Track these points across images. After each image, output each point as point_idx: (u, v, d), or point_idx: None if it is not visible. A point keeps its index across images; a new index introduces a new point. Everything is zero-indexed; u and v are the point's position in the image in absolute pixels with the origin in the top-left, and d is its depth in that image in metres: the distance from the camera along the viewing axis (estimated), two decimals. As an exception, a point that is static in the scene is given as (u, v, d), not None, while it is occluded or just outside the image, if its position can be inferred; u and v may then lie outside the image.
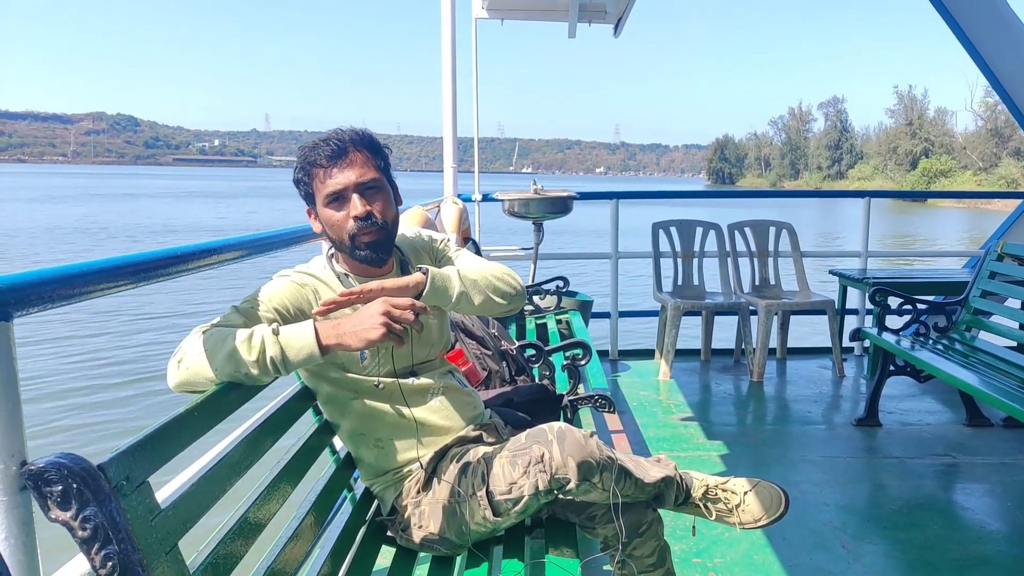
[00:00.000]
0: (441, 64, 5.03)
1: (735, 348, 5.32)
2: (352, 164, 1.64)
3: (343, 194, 1.64)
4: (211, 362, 1.38)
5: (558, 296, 4.63)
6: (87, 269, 1.08)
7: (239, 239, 1.67)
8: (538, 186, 5.09)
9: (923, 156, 75.21)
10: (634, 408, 4.24)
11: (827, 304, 4.81)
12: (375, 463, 1.76)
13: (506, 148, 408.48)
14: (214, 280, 11.80)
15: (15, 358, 0.94)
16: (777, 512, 1.74)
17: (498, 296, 1.75)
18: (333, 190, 1.63)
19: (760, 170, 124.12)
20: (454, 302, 1.68)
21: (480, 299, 1.72)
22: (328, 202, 1.65)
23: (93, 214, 31.25)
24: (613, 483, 1.55)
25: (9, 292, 0.93)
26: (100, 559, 0.95)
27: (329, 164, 1.63)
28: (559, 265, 5.55)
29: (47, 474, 0.92)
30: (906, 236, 27.54)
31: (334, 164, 1.63)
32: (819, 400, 4.41)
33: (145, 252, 1.27)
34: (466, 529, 1.64)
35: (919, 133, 79.92)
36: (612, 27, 5.63)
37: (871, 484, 3.24)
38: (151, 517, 1.03)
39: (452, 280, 1.67)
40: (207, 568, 1.13)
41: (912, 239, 27.36)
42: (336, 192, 1.64)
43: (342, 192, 1.64)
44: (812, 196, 46.66)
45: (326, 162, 1.63)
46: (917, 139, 79.61)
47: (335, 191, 1.63)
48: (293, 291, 1.63)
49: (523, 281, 1.86)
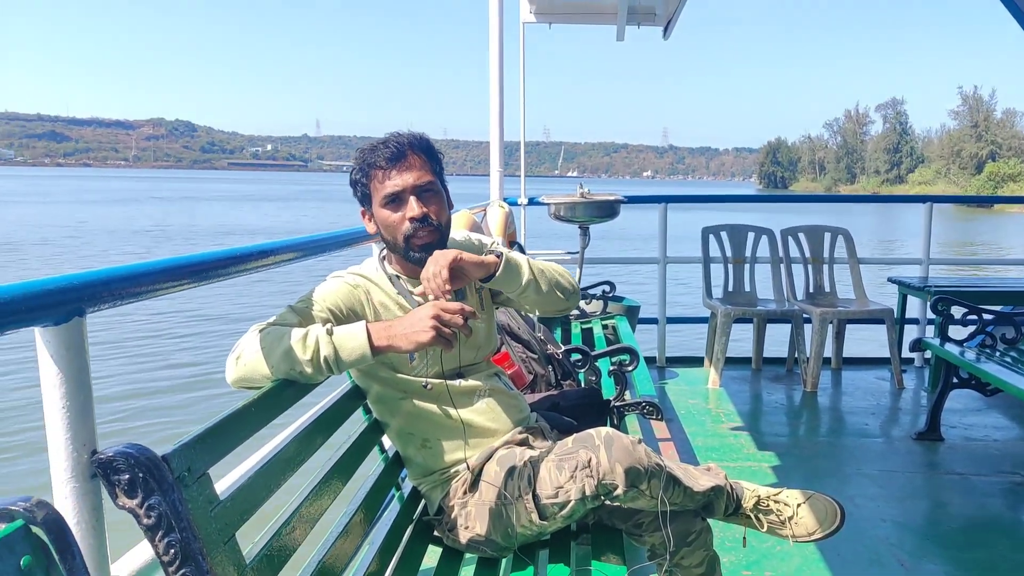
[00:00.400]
0: (489, 69, 5.05)
1: (788, 357, 5.22)
2: (410, 167, 1.67)
3: (400, 196, 1.67)
4: (268, 360, 1.42)
5: (604, 301, 4.61)
6: (153, 268, 1.12)
7: (294, 241, 1.71)
8: (585, 190, 5.07)
9: (989, 159, 72.72)
10: (682, 416, 4.20)
11: (885, 313, 4.69)
12: (423, 463, 1.78)
13: (551, 152, 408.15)
14: (266, 284, 12.06)
15: (87, 352, 0.98)
16: (832, 526, 1.70)
17: (559, 290, 1.79)
18: (391, 191, 1.66)
19: (814, 174, 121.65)
20: (523, 287, 1.71)
21: (546, 288, 1.75)
22: (385, 203, 1.68)
23: (152, 216, 32.23)
24: (661, 490, 1.53)
25: (82, 289, 0.97)
26: (163, 546, 0.98)
27: (388, 166, 1.66)
28: (606, 270, 5.52)
29: (115, 463, 0.96)
30: (971, 243, 26.65)
31: (393, 166, 1.66)
32: (876, 412, 4.29)
33: (206, 252, 1.31)
34: (512, 532, 1.64)
35: (985, 135, 77.33)
36: (661, 29, 5.59)
37: (931, 501, 3.14)
38: (211, 508, 1.06)
39: (523, 266, 1.72)
40: (262, 560, 1.16)
41: (977, 246, 26.45)
42: (394, 193, 1.67)
43: (399, 194, 1.67)
44: (869, 201, 45.52)
45: (385, 164, 1.67)
46: (983, 142, 77.04)
47: (393, 192, 1.66)
48: (346, 292, 1.67)
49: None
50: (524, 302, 1.79)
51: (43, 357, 0.94)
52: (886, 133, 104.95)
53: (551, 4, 5.39)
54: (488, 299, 1.92)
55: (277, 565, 1.20)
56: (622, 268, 10.13)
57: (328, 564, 1.38)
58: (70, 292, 0.95)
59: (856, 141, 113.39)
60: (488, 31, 5.01)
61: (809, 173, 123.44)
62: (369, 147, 1.71)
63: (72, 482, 0.96)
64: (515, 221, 4.96)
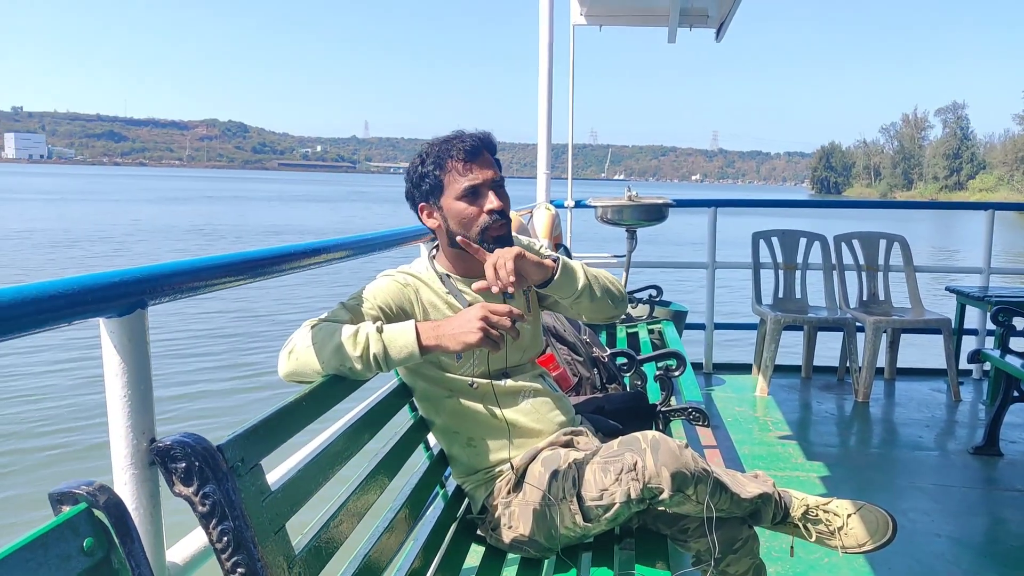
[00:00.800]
0: (538, 71, 5.06)
1: (839, 366, 5.10)
2: (487, 163, 1.71)
3: (479, 189, 1.69)
4: (319, 355, 1.45)
5: (651, 305, 4.57)
6: (212, 263, 1.15)
7: (345, 240, 1.74)
8: (632, 193, 5.04)
9: (1054, 167, 70.10)
10: (728, 424, 4.13)
11: (942, 323, 4.55)
12: (467, 462, 1.79)
13: (598, 154, 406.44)
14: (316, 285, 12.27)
15: (149, 343, 1.01)
16: (883, 538, 1.66)
17: (610, 298, 1.81)
18: (472, 184, 1.68)
19: (869, 180, 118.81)
20: (578, 292, 1.73)
21: (599, 295, 1.77)
22: (463, 195, 1.69)
23: (204, 215, 33.06)
24: (708, 496, 1.52)
25: (145, 282, 1.01)
26: (217, 533, 1.01)
27: (468, 160, 1.69)
28: (652, 274, 5.46)
29: (173, 451, 0.99)
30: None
31: (473, 160, 1.69)
32: (931, 425, 4.17)
33: (262, 249, 1.35)
34: (555, 533, 1.64)
35: (1051, 141, 74.58)
36: (714, 32, 5.53)
37: (989, 517, 3.04)
38: (262, 498, 1.08)
39: (579, 272, 1.74)
40: (311, 551, 1.18)
41: (1037, 255, 25.52)
42: (475, 186, 1.68)
43: (479, 187, 1.68)
44: (927, 208, 44.12)
45: (465, 157, 1.69)
46: (1048, 148, 74.30)
47: (474, 185, 1.68)
48: (396, 290, 1.69)
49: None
50: (575, 308, 1.80)
51: (107, 347, 0.98)
52: (946, 138, 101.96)
53: (602, 6, 5.37)
54: (535, 301, 1.92)
55: (325, 557, 1.22)
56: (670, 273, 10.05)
57: (373, 559, 1.39)
58: (134, 285, 0.98)
59: (914, 146, 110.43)
60: (538, 33, 5.02)
61: (863, 179, 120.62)
62: (442, 141, 1.72)
63: (132, 469, 0.99)
64: (561, 224, 4.95)
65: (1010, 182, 75.06)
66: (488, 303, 1.52)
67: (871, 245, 5.03)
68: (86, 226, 24.53)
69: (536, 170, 5.37)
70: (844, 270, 5.01)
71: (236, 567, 1.01)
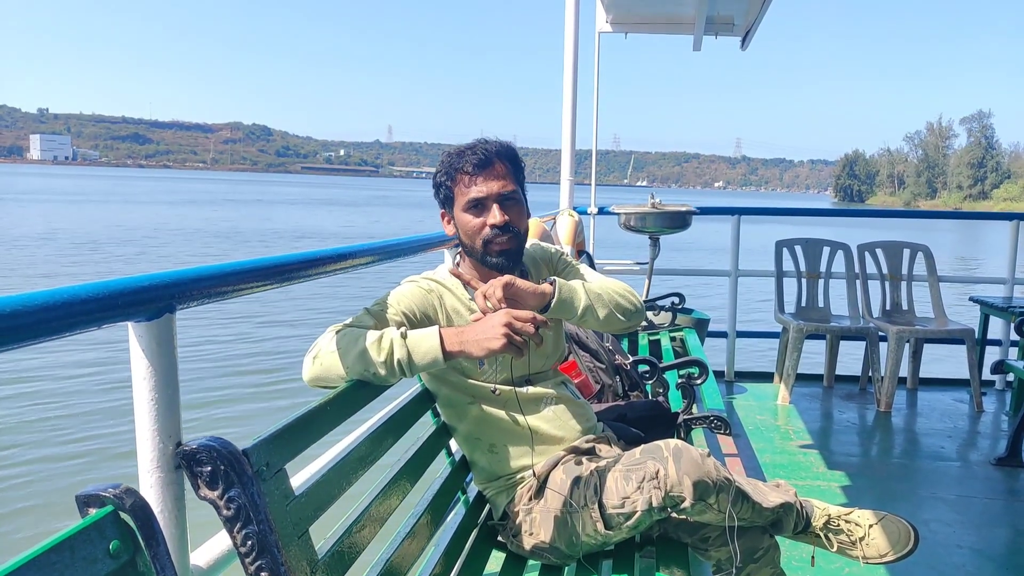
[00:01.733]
0: (563, 78, 5.06)
1: (861, 375, 5.05)
2: (496, 175, 1.70)
3: (484, 202, 1.69)
4: (343, 360, 1.46)
5: (673, 313, 4.55)
6: (239, 268, 1.16)
7: (371, 245, 1.75)
8: (656, 200, 5.03)
9: (1081, 176, 69.00)
10: (750, 432, 4.11)
11: (966, 333, 4.49)
12: (488, 468, 1.79)
13: (621, 160, 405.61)
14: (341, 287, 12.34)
15: (176, 347, 1.02)
16: (905, 548, 1.64)
17: (619, 312, 1.78)
18: (475, 197, 1.69)
19: (892, 188, 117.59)
20: (579, 315, 1.71)
21: (604, 313, 1.75)
22: (468, 208, 1.71)
23: (228, 219, 33.37)
24: (730, 505, 1.51)
25: (174, 287, 1.02)
26: (241, 537, 1.01)
27: (475, 172, 1.69)
28: (675, 282, 5.45)
29: (199, 455, 1.00)
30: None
31: (480, 173, 1.69)
32: (953, 435, 4.12)
33: (288, 255, 1.36)
34: (576, 540, 1.64)
35: (1077, 151, 73.39)
36: (739, 39, 5.50)
37: (1012, 529, 3.00)
38: (286, 502, 1.09)
39: (578, 293, 1.71)
40: (333, 555, 1.18)
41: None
42: (478, 199, 1.69)
43: (483, 200, 1.69)
44: (950, 217, 43.41)
45: (472, 169, 1.69)
46: (1075, 158, 73.13)
47: (477, 198, 1.69)
48: (420, 296, 1.70)
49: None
50: (583, 325, 1.80)
51: (135, 351, 0.99)
52: (970, 147, 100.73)
53: (628, 14, 5.37)
54: None
55: (348, 562, 1.22)
56: (692, 280, 10.01)
57: (395, 564, 1.40)
58: (162, 289, 1.00)
59: (938, 155, 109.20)
60: (563, 40, 5.02)
61: (887, 187, 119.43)
62: (457, 151, 1.74)
63: (157, 472, 1.01)
64: (584, 230, 4.95)
65: (1036, 191, 73.97)
66: (512, 309, 1.53)
67: (895, 254, 4.98)
68: (110, 228, 24.85)
69: (559, 176, 5.36)
70: (867, 279, 4.96)
71: (260, 571, 1.02)
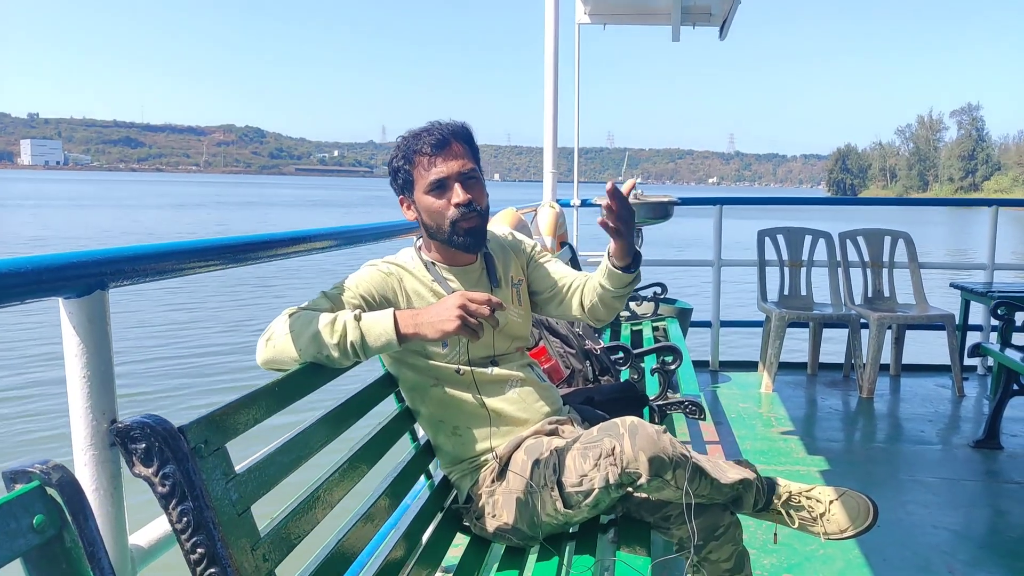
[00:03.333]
0: (544, 71, 5.06)
1: (844, 363, 5.07)
2: (455, 155, 1.69)
3: (446, 183, 1.69)
4: (296, 342, 1.45)
5: (655, 302, 4.55)
6: (177, 248, 1.15)
7: (329, 230, 1.74)
8: (638, 191, 5.03)
9: (1071, 166, 69.32)
10: (732, 420, 4.11)
11: (946, 319, 4.51)
12: (452, 451, 1.79)
13: (615, 158, 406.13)
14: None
15: (109, 324, 1.02)
16: (865, 523, 1.64)
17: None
18: (437, 178, 1.68)
19: (885, 181, 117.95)
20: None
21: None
22: (430, 189, 1.70)
23: (218, 222, 33.25)
24: (687, 482, 1.51)
25: (106, 263, 1.01)
26: (176, 514, 1.01)
27: (434, 153, 1.68)
28: (659, 272, 5.44)
29: (133, 432, 1.00)
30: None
31: (438, 153, 1.68)
32: (934, 420, 4.13)
33: (237, 236, 1.35)
34: (538, 520, 1.64)
35: (1067, 141, 73.71)
36: (717, 30, 5.51)
37: (989, 509, 3.01)
38: (226, 480, 1.09)
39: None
40: (278, 534, 1.18)
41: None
42: (440, 180, 1.68)
43: (445, 180, 1.68)
44: (933, 204, 43.39)
45: (431, 150, 1.68)
46: (1064, 148, 73.43)
47: (439, 179, 1.68)
48: (379, 279, 1.70)
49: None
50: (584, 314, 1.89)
51: (66, 328, 0.98)
52: (961, 139, 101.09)
53: (605, 4, 5.36)
54: (526, 296, 1.92)
55: (294, 541, 1.22)
56: (677, 271, 10.01)
57: (347, 544, 1.39)
58: (93, 266, 0.99)
59: (929, 148, 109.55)
60: (544, 32, 5.01)
61: (879, 180, 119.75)
62: (412, 134, 1.72)
63: (91, 449, 1.00)
64: (566, 222, 4.95)
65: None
66: (468, 291, 1.53)
67: (876, 242, 4.99)
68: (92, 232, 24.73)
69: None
70: (849, 267, 4.97)
71: (196, 547, 1.01)
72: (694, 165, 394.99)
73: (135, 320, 9.38)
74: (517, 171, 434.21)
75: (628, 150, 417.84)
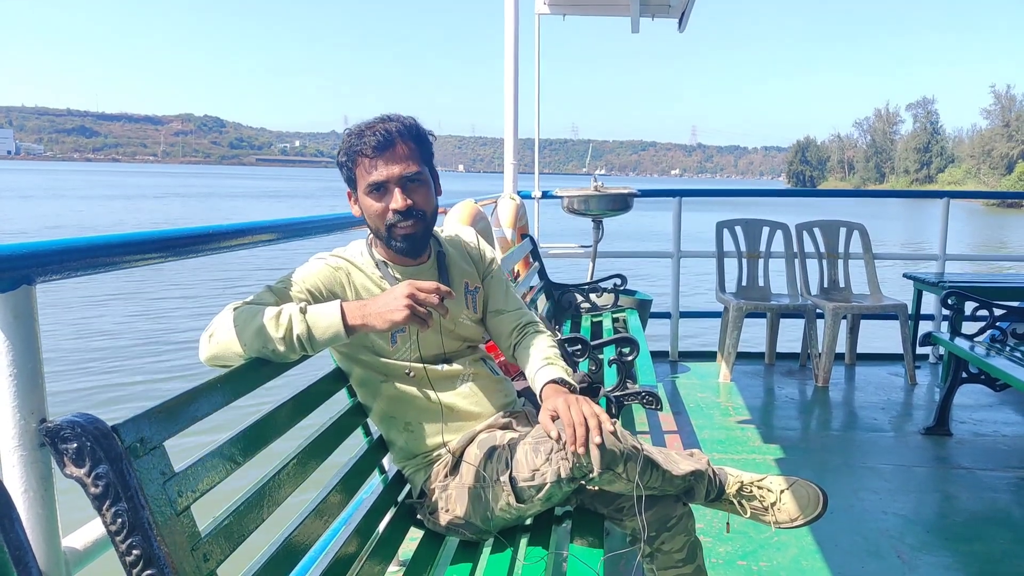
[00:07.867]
0: (504, 61, 5.03)
1: (801, 352, 5.15)
2: (397, 157, 1.63)
3: (385, 186, 1.64)
4: (240, 337, 1.41)
5: (615, 294, 4.57)
6: (107, 241, 1.11)
7: (272, 222, 1.69)
8: (598, 183, 5.05)
9: (1020, 159, 71.35)
10: (691, 410, 4.15)
11: (899, 308, 4.61)
12: (405, 446, 1.77)
13: (579, 150, 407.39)
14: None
15: (37, 320, 0.98)
16: (815, 512, 1.67)
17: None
18: (376, 181, 1.63)
19: (843, 173, 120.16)
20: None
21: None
22: (369, 191, 1.66)
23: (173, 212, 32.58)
24: (638, 475, 1.51)
25: (31, 258, 0.97)
26: (110, 516, 0.98)
27: (375, 155, 1.63)
28: (619, 264, 5.47)
29: (63, 432, 0.96)
30: (1002, 244, 26.16)
31: (379, 156, 1.63)
32: (887, 407, 4.22)
33: (175, 229, 1.30)
34: (491, 514, 1.63)
35: (1016, 135, 75.82)
36: (676, 21, 5.53)
37: (937, 494, 3.09)
38: (164, 479, 1.06)
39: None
40: (220, 532, 1.15)
41: (1006, 246, 25.96)
42: (378, 183, 1.64)
43: (384, 184, 1.64)
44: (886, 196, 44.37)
45: (371, 152, 1.63)
46: (1014, 141, 75.52)
47: (378, 182, 1.64)
48: (327, 273, 1.66)
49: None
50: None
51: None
52: (916, 132, 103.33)
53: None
54: (481, 304, 1.90)
55: (237, 539, 1.19)
56: (637, 263, 10.07)
57: (296, 541, 1.37)
58: (17, 260, 0.95)
59: (886, 141, 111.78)
60: (503, 22, 4.98)
61: (838, 172, 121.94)
62: (356, 131, 1.66)
63: (20, 451, 0.96)
64: (527, 214, 4.94)
65: (977, 175, 76.25)
66: (415, 280, 1.50)
67: (832, 233, 5.08)
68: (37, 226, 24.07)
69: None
70: (806, 258, 5.05)
71: (131, 549, 0.99)
72: (657, 157, 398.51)
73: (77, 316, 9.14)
74: (482, 162, 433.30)
75: (592, 142, 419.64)
